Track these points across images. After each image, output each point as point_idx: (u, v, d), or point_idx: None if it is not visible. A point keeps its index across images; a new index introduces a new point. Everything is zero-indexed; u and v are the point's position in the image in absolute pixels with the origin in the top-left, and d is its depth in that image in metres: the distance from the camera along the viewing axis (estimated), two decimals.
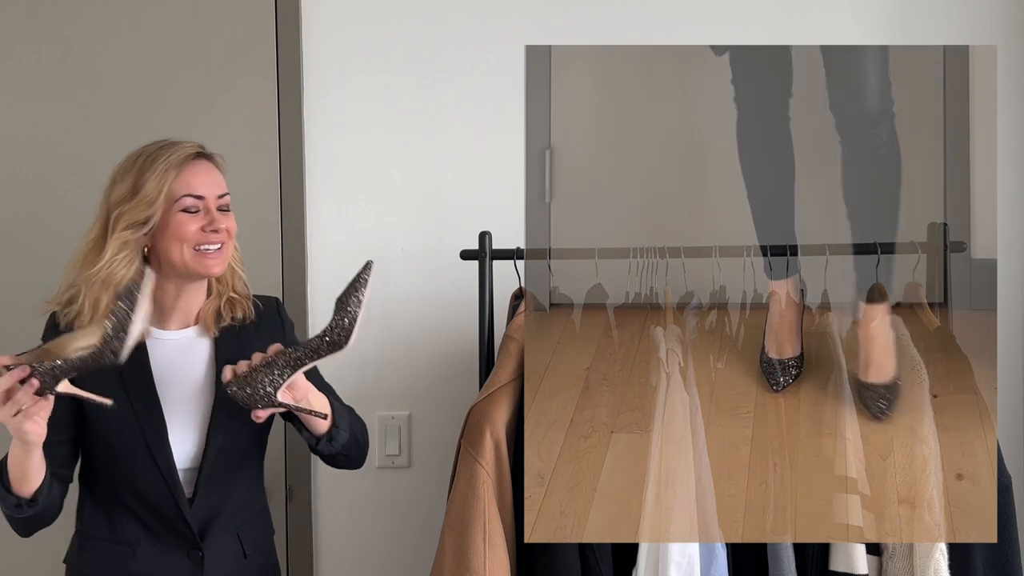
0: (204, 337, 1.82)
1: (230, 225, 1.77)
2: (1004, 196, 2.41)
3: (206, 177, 1.76)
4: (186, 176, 1.73)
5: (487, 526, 1.70)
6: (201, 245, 1.73)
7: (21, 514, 1.68)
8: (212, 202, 1.75)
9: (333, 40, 2.38)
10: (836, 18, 2.42)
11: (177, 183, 1.72)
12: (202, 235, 1.73)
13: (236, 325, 1.83)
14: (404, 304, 2.38)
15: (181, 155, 1.74)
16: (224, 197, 1.78)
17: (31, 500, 1.66)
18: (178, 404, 1.78)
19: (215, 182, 1.77)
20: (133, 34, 2.35)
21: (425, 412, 2.39)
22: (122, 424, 1.74)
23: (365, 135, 2.39)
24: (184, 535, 1.78)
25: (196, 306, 1.81)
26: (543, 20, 2.39)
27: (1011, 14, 2.41)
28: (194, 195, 1.73)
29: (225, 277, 1.82)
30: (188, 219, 1.72)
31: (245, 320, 1.83)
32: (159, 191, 1.70)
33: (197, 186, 1.74)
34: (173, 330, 1.81)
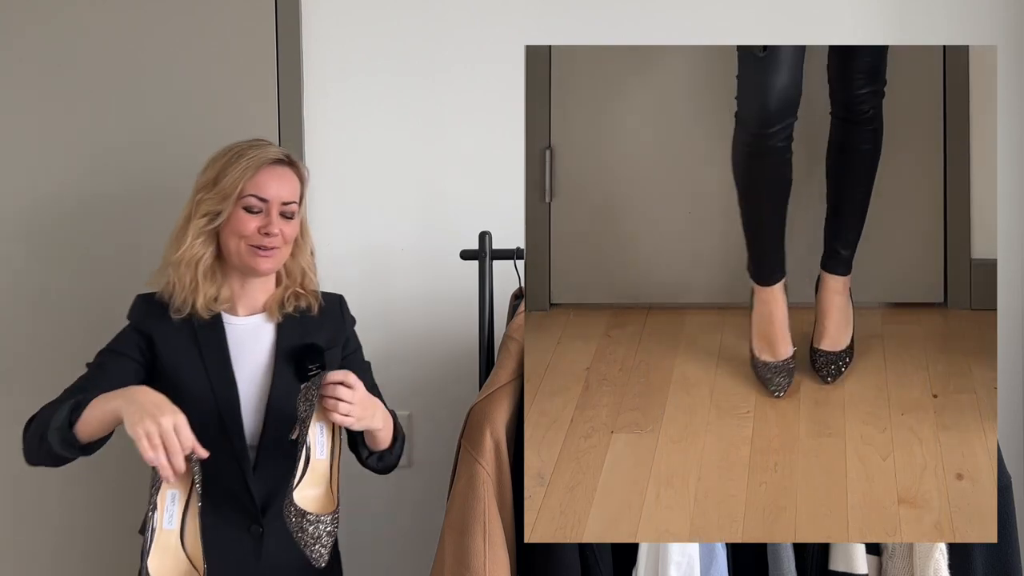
0: (269, 323, 1.93)
1: (287, 230, 1.88)
2: (1004, 196, 2.41)
3: (277, 182, 1.87)
4: (259, 178, 1.85)
5: (487, 526, 1.70)
6: (255, 244, 1.85)
7: (63, 451, 1.67)
8: (275, 206, 1.86)
9: (333, 40, 2.38)
10: (836, 18, 2.42)
11: (250, 183, 1.84)
12: (257, 235, 1.85)
13: (298, 315, 1.94)
14: (404, 304, 2.38)
15: (263, 158, 1.87)
16: (290, 205, 1.88)
17: (83, 447, 1.68)
18: (244, 383, 1.87)
19: (285, 188, 1.88)
20: (133, 34, 2.35)
21: (425, 412, 2.39)
22: (199, 395, 1.82)
23: (365, 135, 2.39)
24: (247, 509, 1.84)
25: (263, 296, 1.93)
26: (543, 20, 2.40)
27: (1011, 14, 2.41)
28: (259, 196, 1.85)
29: (294, 273, 1.95)
30: (249, 218, 1.85)
31: (309, 311, 1.95)
32: (234, 187, 1.84)
33: (264, 188, 1.85)
34: (242, 316, 1.92)
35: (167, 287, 1.88)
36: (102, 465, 1.97)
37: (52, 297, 2.35)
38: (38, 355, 2.36)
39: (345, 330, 2.01)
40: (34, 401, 2.36)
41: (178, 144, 2.35)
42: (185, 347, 1.86)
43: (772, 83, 1.87)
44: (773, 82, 1.87)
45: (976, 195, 2.34)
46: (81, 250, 2.36)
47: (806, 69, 1.97)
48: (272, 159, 1.88)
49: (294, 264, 1.95)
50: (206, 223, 1.85)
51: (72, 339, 2.33)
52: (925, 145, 2.35)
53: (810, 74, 2.18)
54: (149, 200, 2.35)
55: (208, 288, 1.86)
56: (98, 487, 2.34)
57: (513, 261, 2.07)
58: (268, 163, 1.87)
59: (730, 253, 2.41)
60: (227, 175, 1.84)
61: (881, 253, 2.33)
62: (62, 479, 2.24)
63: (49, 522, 2.37)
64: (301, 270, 1.95)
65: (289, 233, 1.89)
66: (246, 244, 1.85)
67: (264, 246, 1.85)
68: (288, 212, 1.88)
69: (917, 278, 2.36)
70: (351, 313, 2.05)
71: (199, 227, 1.85)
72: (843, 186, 2.13)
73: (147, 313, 1.88)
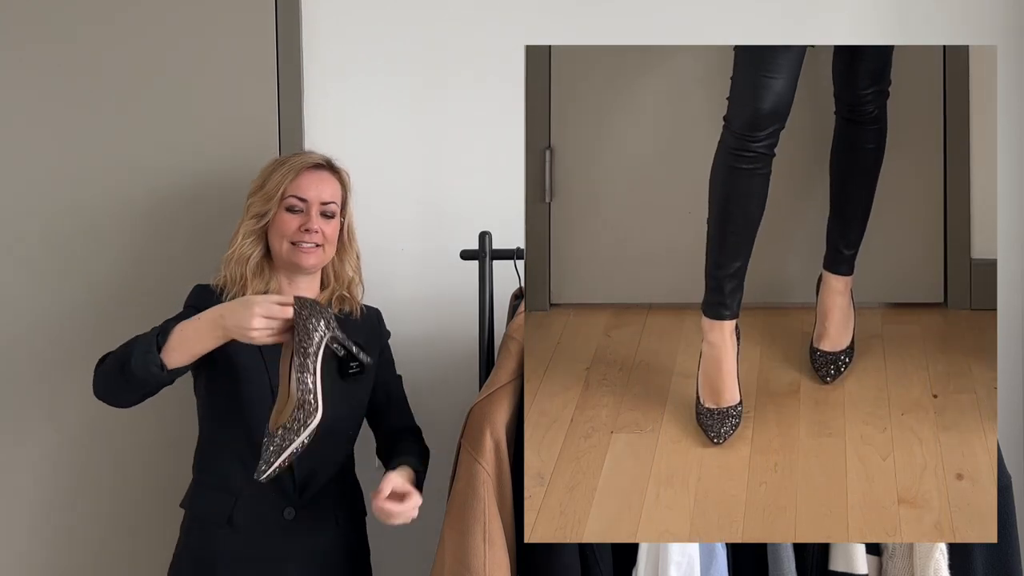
0: None
1: (327, 229, 2.01)
2: (1004, 196, 2.40)
3: (317, 183, 2.02)
4: (300, 180, 2.00)
5: (487, 526, 1.70)
6: (296, 240, 1.98)
7: (152, 377, 1.75)
8: (315, 206, 2.00)
9: (333, 40, 2.38)
10: (836, 18, 2.42)
11: (291, 185, 2.00)
12: (298, 233, 1.98)
13: (342, 316, 2.05)
14: (404, 304, 2.38)
15: (304, 163, 2.03)
16: (329, 204, 2.02)
17: (171, 371, 1.76)
18: None
19: (325, 189, 2.02)
20: (133, 34, 2.35)
21: (425, 412, 2.38)
22: (255, 376, 1.92)
23: (365, 135, 2.39)
24: (284, 490, 1.92)
25: (310, 294, 2.03)
26: (543, 20, 2.39)
27: (1011, 14, 2.41)
28: (299, 196, 2.00)
29: (342, 277, 2.08)
30: (290, 217, 1.99)
31: (351, 314, 2.07)
32: (277, 190, 1.99)
33: (305, 189, 2.00)
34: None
35: (221, 281, 2.00)
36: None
37: (51, 300, 2.35)
38: (36, 361, 2.36)
39: (381, 341, 2.14)
40: (36, 405, 2.38)
41: (178, 144, 2.35)
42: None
43: (768, 84, 1.86)
44: (769, 83, 1.86)
45: (976, 195, 2.34)
46: (80, 251, 2.35)
47: (810, 69, 1.96)
48: (312, 164, 2.03)
49: (341, 268, 2.08)
50: (254, 223, 2.00)
51: (74, 343, 2.34)
52: (925, 145, 2.35)
53: (815, 74, 2.18)
54: (149, 200, 2.35)
55: (256, 284, 1.98)
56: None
57: (513, 261, 2.07)
58: (308, 167, 2.02)
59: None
60: (271, 179, 2.00)
61: (881, 253, 2.33)
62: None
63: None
64: (348, 275, 2.08)
65: (329, 232, 2.01)
66: (288, 242, 1.98)
67: (305, 242, 1.98)
68: (328, 211, 2.02)
69: (917, 278, 2.36)
70: (387, 327, 2.18)
71: (248, 227, 2.00)
72: (847, 186, 2.12)
73: (205, 300, 1.93)
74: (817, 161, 2.28)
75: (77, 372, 2.08)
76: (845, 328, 2.14)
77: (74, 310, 2.35)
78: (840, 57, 2.05)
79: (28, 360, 2.36)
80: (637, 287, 2.42)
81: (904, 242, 2.36)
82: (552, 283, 2.43)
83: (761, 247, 2.19)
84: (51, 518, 2.37)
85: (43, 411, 2.36)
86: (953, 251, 2.35)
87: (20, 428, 2.36)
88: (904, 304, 2.37)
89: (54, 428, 2.36)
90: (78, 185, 2.35)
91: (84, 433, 2.35)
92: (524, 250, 2.06)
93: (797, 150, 2.28)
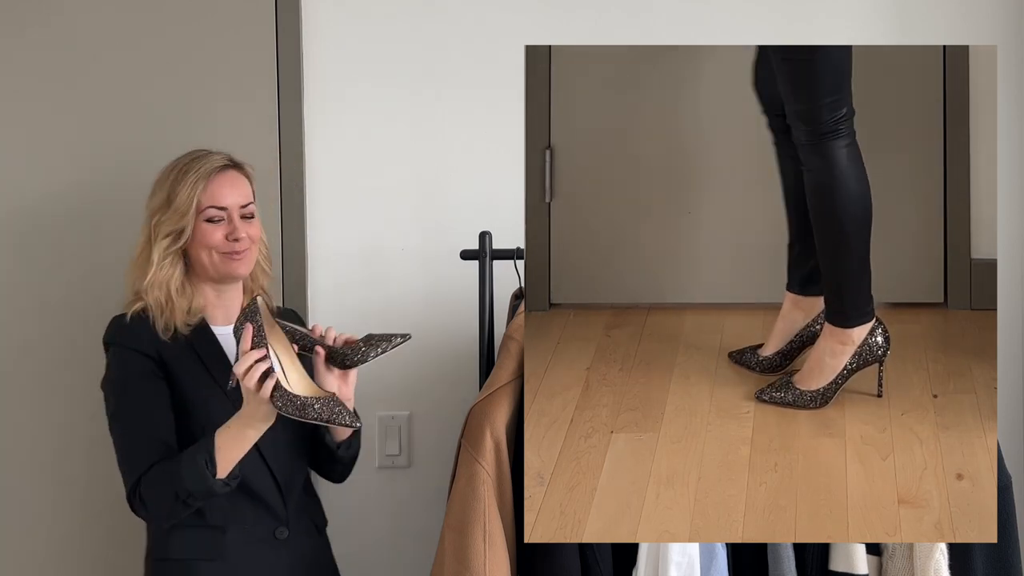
0: None
1: (252, 232, 1.91)
2: (1004, 196, 2.40)
3: (231, 188, 1.90)
4: (212, 188, 1.88)
5: (487, 526, 1.70)
6: (225, 251, 1.88)
7: (224, 491, 1.76)
8: (235, 211, 1.89)
9: (333, 40, 2.38)
10: (836, 18, 2.42)
11: (204, 195, 1.87)
12: (225, 243, 1.88)
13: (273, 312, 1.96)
14: (404, 304, 2.38)
15: (209, 167, 1.89)
16: (248, 206, 1.91)
17: (236, 475, 1.77)
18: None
19: (239, 192, 1.91)
20: (133, 34, 2.35)
21: (425, 412, 2.39)
22: (217, 404, 1.84)
23: (365, 135, 2.39)
24: (273, 510, 1.89)
25: (237, 301, 1.96)
26: (543, 20, 2.39)
27: (1011, 14, 2.41)
28: (217, 206, 1.87)
29: (256, 275, 1.98)
30: (213, 228, 1.88)
31: (274, 314, 1.94)
32: (189, 203, 1.86)
33: (221, 197, 1.88)
34: (223, 325, 1.94)
35: (143, 311, 1.88)
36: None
37: (48, 300, 2.35)
38: (34, 358, 2.36)
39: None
40: (30, 404, 2.38)
41: (177, 145, 2.33)
42: (190, 363, 1.87)
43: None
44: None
45: (976, 195, 2.34)
46: (79, 252, 2.35)
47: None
48: (218, 167, 1.90)
49: (257, 270, 1.98)
50: (170, 243, 1.87)
51: (68, 342, 2.33)
52: (925, 145, 2.35)
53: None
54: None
55: (181, 302, 1.88)
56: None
57: (513, 261, 2.07)
58: (216, 171, 1.89)
59: (730, 253, 2.41)
60: (179, 193, 1.86)
61: (881, 253, 2.33)
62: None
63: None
64: (261, 270, 1.98)
65: (254, 233, 1.92)
66: (217, 253, 1.88)
67: (235, 251, 1.88)
68: (247, 214, 1.91)
69: (917, 278, 2.37)
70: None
71: (163, 248, 1.87)
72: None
73: (134, 332, 1.87)
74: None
75: (78, 372, 2.08)
76: (818, 376, 2.06)
77: (74, 310, 2.34)
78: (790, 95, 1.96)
79: (29, 360, 2.36)
80: (637, 287, 2.42)
81: (904, 242, 2.36)
82: (552, 283, 2.43)
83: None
84: (52, 518, 2.37)
85: (43, 411, 2.36)
86: (953, 251, 2.35)
87: (21, 428, 2.36)
88: (904, 304, 2.37)
89: (54, 428, 2.35)
90: (78, 185, 2.35)
91: (84, 433, 2.35)
92: (524, 250, 2.06)
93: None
